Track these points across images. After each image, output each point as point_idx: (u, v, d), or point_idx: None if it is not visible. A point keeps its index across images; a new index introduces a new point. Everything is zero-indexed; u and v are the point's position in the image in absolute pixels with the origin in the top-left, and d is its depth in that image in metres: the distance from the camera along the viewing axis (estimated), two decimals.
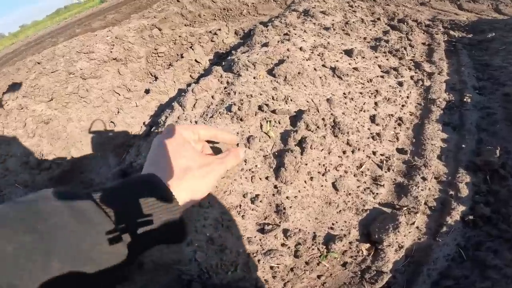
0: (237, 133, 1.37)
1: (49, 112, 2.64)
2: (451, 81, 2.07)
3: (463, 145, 1.61)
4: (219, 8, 4.30)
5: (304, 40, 2.12)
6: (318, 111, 1.52)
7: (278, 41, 2.07)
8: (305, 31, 2.21)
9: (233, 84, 1.59)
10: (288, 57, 1.78)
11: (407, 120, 1.76)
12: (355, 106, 1.72)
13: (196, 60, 3.13)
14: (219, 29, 3.36)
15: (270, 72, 1.69)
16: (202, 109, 1.55)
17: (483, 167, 1.49)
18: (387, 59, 2.16)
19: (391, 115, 1.75)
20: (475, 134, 1.68)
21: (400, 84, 1.95)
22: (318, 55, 2.00)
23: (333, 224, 1.32)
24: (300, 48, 2.00)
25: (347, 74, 1.85)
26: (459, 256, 1.20)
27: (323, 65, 1.94)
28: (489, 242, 1.20)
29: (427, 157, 1.53)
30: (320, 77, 1.81)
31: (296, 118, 1.44)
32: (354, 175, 1.43)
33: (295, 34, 2.18)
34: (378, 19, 2.72)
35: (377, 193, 1.38)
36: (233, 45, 3.15)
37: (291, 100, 1.57)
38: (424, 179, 1.44)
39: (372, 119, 1.68)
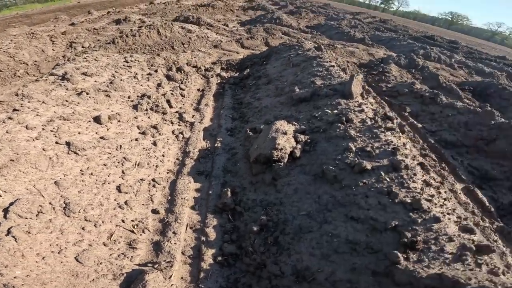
0: None
1: None
2: (211, 126, 2.37)
3: (210, 191, 1.80)
4: None
5: (38, 114, 1.89)
6: (43, 197, 1.42)
7: (1, 121, 1.75)
8: (43, 102, 1.98)
9: None
10: None
11: (162, 179, 1.83)
12: (97, 180, 1.65)
13: None
14: None
15: None
16: None
17: (224, 208, 1.71)
18: (149, 117, 2.23)
19: (142, 179, 1.77)
20: (221, 178, 1.91)
21: (155, 144, 2.02)
22: (52, 130, 1.80)
23: None
24: (27, 127, 1.74)
25: (84, 148, 1.76)
26: None
27: (57, 142, 1.75)
28: (243, 278, 1.35)
29: (177, 212, 1.62)
30: (51, 158, 1.64)
31: (7, 210, 1.31)
32: (104, 245, 1.38)
33: (29, 107, 1.92)
34: (156, 71, 2.84)
35: (132, 256, 1.37)
36: None
37: (4, 192, 1.39)
38: (175, 233, 1.51)
39: (119, 189, 1.66)
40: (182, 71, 2.99)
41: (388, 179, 1.31)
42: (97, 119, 1.97)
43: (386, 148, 1.58)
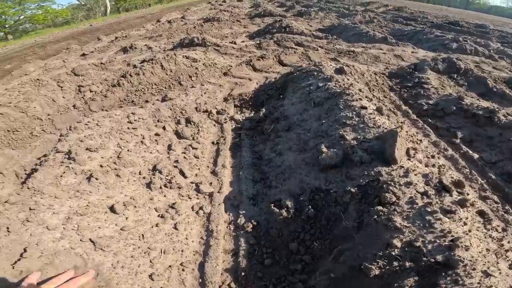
0: None
1: None
2: (232, 194, 2.10)
3: (243, 273, 1.62)
4: (0, 129, 3.39)
5: (55, 212, 1.76)
6: None
7: (22, 222, 1.63)
8: (56, 196, 1.83)
9: None
10: (25, 250, 1.42)
11: (190, 262, 1.71)
12: (129, 272, 1.56)
13: None
14: None
15: None
16: None
17: None
18: (165, 195, 2.01)
19: (171, 266, 1.66)
20: (248, 259, 1.69)
21: (176, 227, 1.84)
22: (73, 229, 1.67)
23: None
24: (47, 227, 1.63)
25: (108, 245, 1.62)
26: None
27: (81, 240, 1.62)
28: None
29: None
30: (81, 255, 1.53)
31: None
32: None
33: (44, 205, 1.79)
34: (164, 128, 2.62)
35: None
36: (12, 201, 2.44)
37: None
38: None
39: (151, 277, 1.58)
40: (192, 123, 2.74)
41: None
42: (112, 209, 1.81)
43: (442, 242, 1.24)
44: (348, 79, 2.72)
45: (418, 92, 3.44)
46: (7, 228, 1.61)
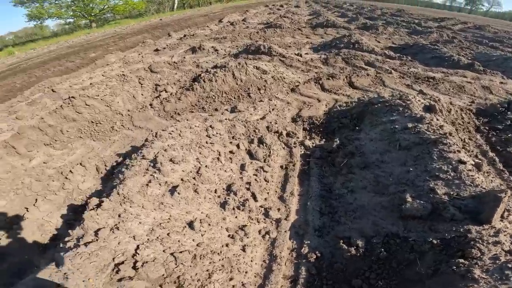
0: None
1: None
2: (298, 222, 2.10)
3: None
4: (86, 120, 3.84)
5: (141, 223, 1.92)
6: None
7: (111, 229, 1.82)
8: (143, 206, 2.01)
9: None
10: (115, 261, 1.58)
11: (251, 283, 1.77)
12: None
13: (44, 219, 2.65)
14: (71, 171, 2.94)
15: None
16: None
17: None
18: (236, 217, 2.09)
19: (234, 286, 1.74)
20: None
21: (244, 249, 1.91)
22: (156, 239, 1.82)
23: None
24: (134, 237, 1.79)
25: (188, 259, 1.72)
26: None
27: (164, 251, 1.75)
28: None
29: None
30: (164, 265, 1.68)
31: None
32: None
33: (132, 214, 1.96)
34: (238, 146, 2.71)
35: None
36: (92, 193, 2.78)
37: None
38: None
39: None
40: (264, 144, 2.79)
41: None
42: (191, 225, 1.93)
43: None
44: (437, 119, 2.50)
45: (510, 138, 3.02)
46: (95, 232, 1.77)
